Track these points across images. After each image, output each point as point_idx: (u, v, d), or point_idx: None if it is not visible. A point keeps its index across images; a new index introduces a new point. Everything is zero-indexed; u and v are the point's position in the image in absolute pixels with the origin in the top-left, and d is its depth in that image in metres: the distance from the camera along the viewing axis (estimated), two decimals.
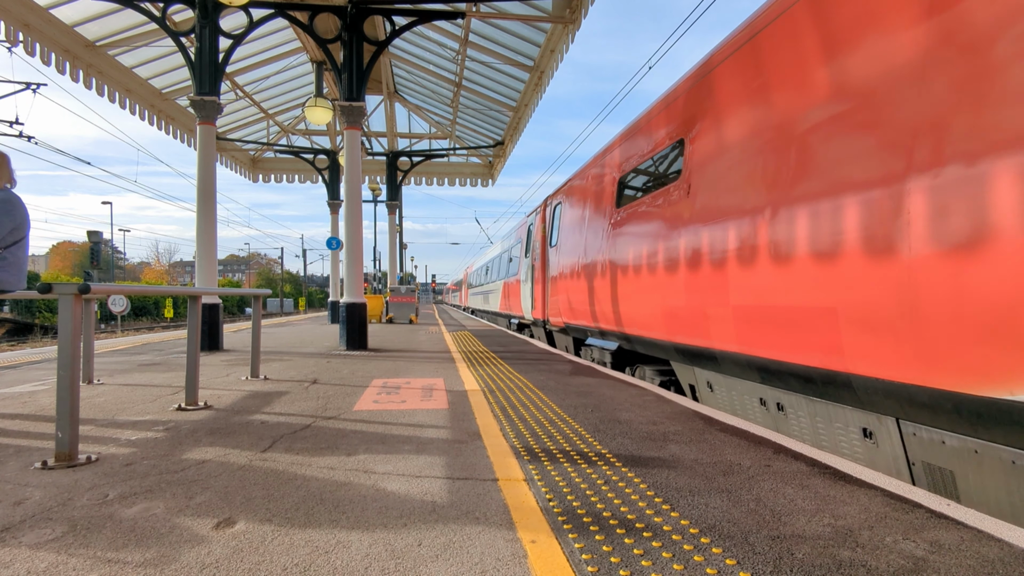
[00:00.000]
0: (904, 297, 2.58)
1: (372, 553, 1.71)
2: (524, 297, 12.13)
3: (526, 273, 11.97)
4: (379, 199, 21.78)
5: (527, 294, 11.74)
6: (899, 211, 2.62)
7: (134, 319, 35.04)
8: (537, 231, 10.87)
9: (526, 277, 11.96)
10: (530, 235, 11.93)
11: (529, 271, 11.55)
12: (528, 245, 11.92)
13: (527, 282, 11.79)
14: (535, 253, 10.82)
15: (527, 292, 11.72)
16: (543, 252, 10.17)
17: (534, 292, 10.88)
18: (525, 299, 11.98)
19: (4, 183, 3.58)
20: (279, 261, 79.77)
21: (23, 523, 1.93)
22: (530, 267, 11.36)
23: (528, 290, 11.55)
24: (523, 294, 12.26)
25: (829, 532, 1.86)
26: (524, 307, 12.24)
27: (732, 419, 3.60)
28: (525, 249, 12.25)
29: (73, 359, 2.60)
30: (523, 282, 12.30)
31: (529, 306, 11.52)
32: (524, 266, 12.27)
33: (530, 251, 11.48)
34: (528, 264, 11.68)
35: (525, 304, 12.04)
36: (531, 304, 11.21)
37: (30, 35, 8.65)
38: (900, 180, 2.62)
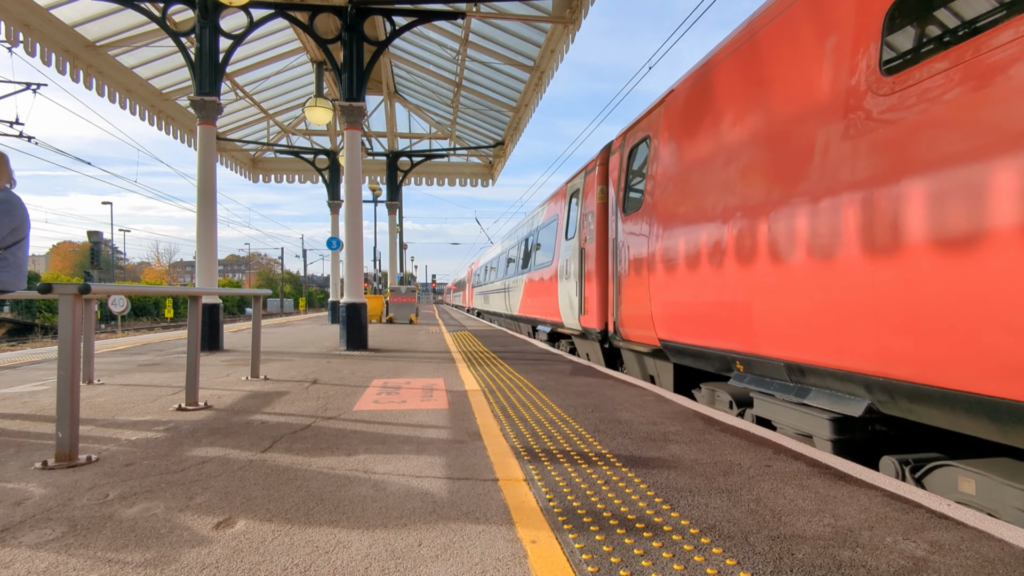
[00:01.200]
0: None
1: (372, 553, 1.71)
2: (564, 297, 8.60)
3: (567, 263, 8.45)
4: (379, 199, 21.77)
5: (569, 292, 8.24)
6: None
7: (134, 319, 35.05)
8: (590, 198, 7.35)
9: (567, 269, 8.42)
10: (572, 207, 8.50)
11: (574, 259, 8.02)
12: (571, 222, 8.47)
13: (569, 276, 8.29)
14: (587, 231, 7.39)
15: (569, 290, 8.27)
16: (604, 228, 6.94)
17: (584, 289, 7.45)
18: (565, 299, 8.50)
19: (4, 183, 3.58)
20: (279, 261, 79.80)
21: (23, 523, 1.93)
22: (576, 253, 7.87)
23: (572, 287, 8.08)
24: (561, 292, 8.77)
25: (829, 532, 1.86)
26: (563, 310, 8.73)
27: (732, 419, 3.60)
28: (565, 229, 8.76)
29: (73, 359, 2.60)
30: (562, 276, 8.76)
31: (573, 309, 8.03)
32: (563, 253, 8.74)
33: (576, 230, 8.04)
34: (571, 250, 8.20)
35: (565, 306, 8.58)
36: (578, 306, 7.69)
37: (30, 35, 8.65)
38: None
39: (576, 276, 7.84)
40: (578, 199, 8.06)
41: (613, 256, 6.41)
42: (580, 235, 7.76)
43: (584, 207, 7.65)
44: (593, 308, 7.09)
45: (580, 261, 7.64)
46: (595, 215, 7.10)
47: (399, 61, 13.21)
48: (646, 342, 5.60)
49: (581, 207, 7.81)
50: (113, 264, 43.76)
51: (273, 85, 13.68)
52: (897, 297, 2.65)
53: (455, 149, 17.79)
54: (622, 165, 6.31)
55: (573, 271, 8.01)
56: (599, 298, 6.94)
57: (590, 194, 7.39)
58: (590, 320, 7.24)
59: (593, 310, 7.10)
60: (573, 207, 8.38)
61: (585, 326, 7.50)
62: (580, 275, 7.62)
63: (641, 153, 5.82)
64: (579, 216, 7.90)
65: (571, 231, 8.40)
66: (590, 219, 7.32)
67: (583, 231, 7.63)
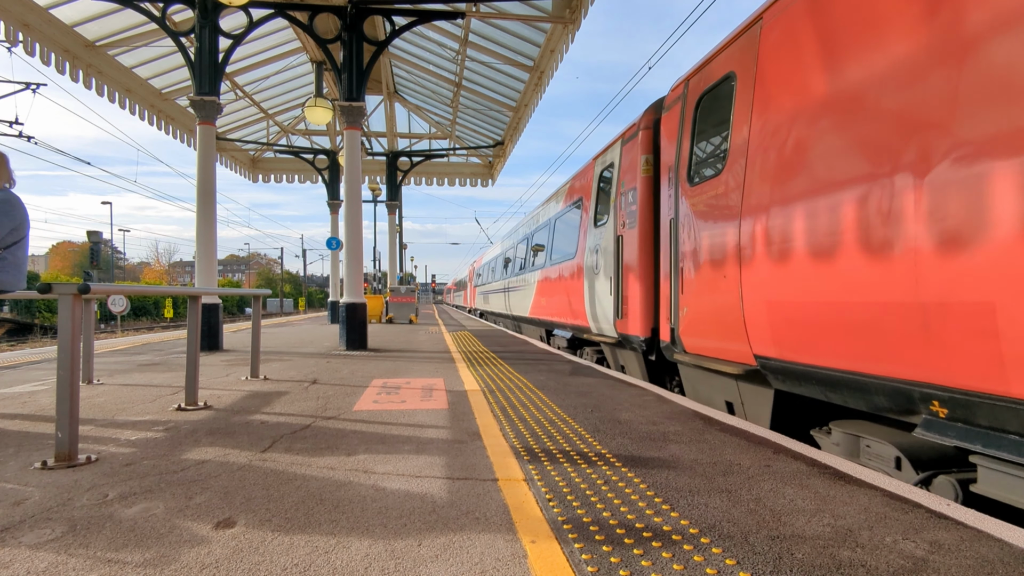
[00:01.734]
0: None
1: (372, 553, 1.71)
2: (591, 296, 7.17)
3: (596, 255, 7.04)
4: (379, 199, 21.78)
5: (599, 291, 6.88)
6: None
7: (134, 319, 35.04)
8: (631, 173, 5.94)
9: (596, 262, 7.01)
10: (601, 188, 7.08)
11: (606, 250, 6.65)
12: (601, 206, 7.05)
13: (599, 271, 6.88)
14: (626, 214, 6.02)
15: (599, 288, 6.88)
16: (652, 208, 5.58)
17: (622, 286, 6.09)
18: (593, 299, 7.10)
19: (3, 183, 3.58)
20: (279, 261, 79.81)
21: (23, 523, 1.93)
22: (610, 243, 6.50)
23: (603, 285, 6.73)
24: (588, 291, 7.33)
25: (829, 532, 1.86)
26: (590, 312, 7.31)
27: (732, 419, 3.60)
28: (593, 215, 7.30)
29: (73, 359, 2.60)
30: (589, 272, 7.33)
31: (605, 311, 6.68)
32: (590, 244, 7.31)
33: (610, 215, 6.59)
34: (603, 239, 6.80)
35: (593, 307, 7.17)
36: (613, 308, 6.32)
37: (30, 35, 8.65)
38: None
39: (609, 271, 6.45)
40: (612, 176, 6.56)
41: (672, 242, 4.88)
42: (616, 220, 6.31)
43: (621, 184, 6.21)
44: (635, 310, 5.68)
45: (617, 252, 6.21)
46: (638, 193, 5.69)
47: (399, 61, 13.21)
48: (730, 358, 4.01)
49: (617, 185, 6.34)
50: (113, 264, 43.75)
51: (273, 85, 13.68)
52: None
53: (455, 149, 17.79)
54: (684, 123, 4.81)
55: (605, 265, 6.61)
56: (644, 297, 5.59)
57: (631, 168, 5.94)
58: (631, 325, 5.81)
59: (635, 312, 5.68)
60: (604, 187, 6.96)
61: (623, 332, 6.03)
62: (617, 269, 6.20)
63: (718, 101, 4.32)
64: (614, 196, 6.43)
65: (602, 217, 6.98)
66: (630, 198, 5.87)
67: (620, 215, 6.20)
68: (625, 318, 5.98)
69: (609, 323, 6.52)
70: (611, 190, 6.62)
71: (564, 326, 8.91)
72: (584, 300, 7.53)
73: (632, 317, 5.79)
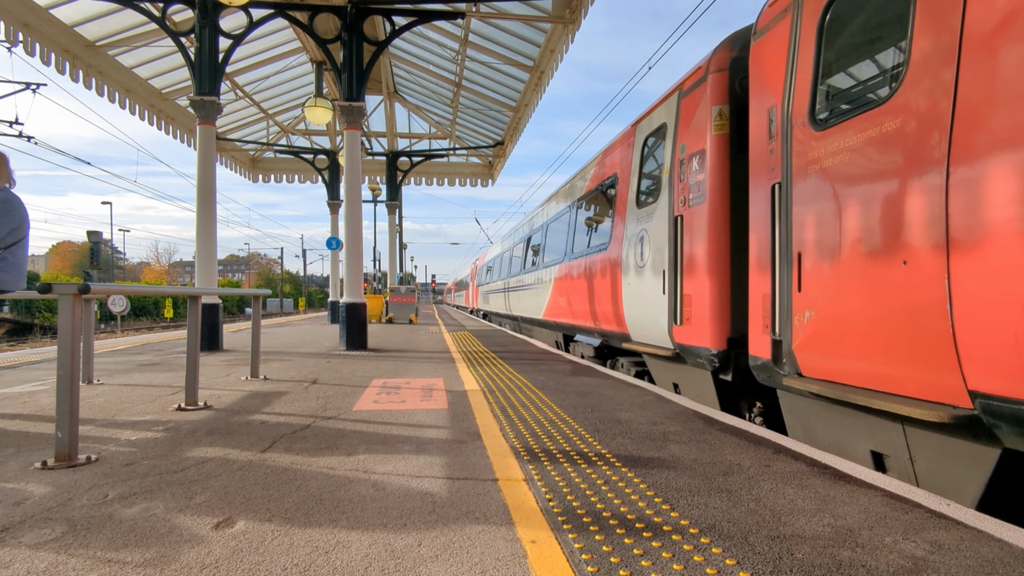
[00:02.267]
0: None
1: (372, 553, 1.71)
2: (641, 295, 5.64)
3: (640, 243, 5.68)
4: (379, 199, 21.79)
5: (644, 289, 5.54)
6: None
7: (134, 319, 35.04)
8: (697, 134, 4.65)
9: (640, 253, 5.65)
10: (646, 158, 5.81)
11: (656, 237, 5.31)
12: (647, 178, 5.79)
13: (645, 264, 5.53)
14: (690, 188, 4.72)
15: (645, 285, 5.52)
16: (725, 176, 4.40)
17: (684, 281, 4.79)
18: (643, 299, 5.59)
19: (3, 183, 3.58)
20: (279, 261, 79.84)
21: (23, 523, 1.93)
22: (663, 227, 5.16)
23: (650, 282, 5.40)
24: (630, 289, 5.92)
25: (829, 532, 1.86)
26: (631, 315, 5.91)
27: (732, 419, 3.60)
28: (636, 193, 5.94)
29: (73, 359, 2.60)
30: (629, 265, 5.95)
31: (655, 314, 5.29)
32: (631, 230, 5.93)
33: (666, 187, 5.13)
34: (651, 223, 5.44)
35: (637, 309, 5.75)
36: (669, 310, 5.00)
37: (30, 35, 8.65)
38: None
39: (661, 263, 5.11)
40: (664, 142, 5.21)
41: (779, 217, 3.48)
42: (671, 197, 4.96)
43: (680, 149, 4.86)
44: (704, 314, 4.38)
45: (674, 237, 4.89)
46: (709, 158, 4.37)
47: (399, 61, 13.22)
48: (909, 392, 2.63)
49: (673, 152, 4.97)
50: (113, 264, 43.77)
51: (273, 85, 13.69)
52: None
53: (455, 149, 17.80)
54: (798, 42, 3.45)
55: (654, 255, 5.27)
56: (717, 297, 4.31)
57: (695, 126, 4.61)
58: (696, 333, 4.52)
59: (703, 317, 4.40)
60: (650, 158, 5.65)
61: (683, 343, 4.73)
62: (674, 260, 4.90)
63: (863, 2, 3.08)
64: (668, 167, 5.06)
65: (647, 195, 5.64)
66: (695, 166, 4.58)
67: (678, 189, 4.85)
68: (688, 324, 4.65)
69: (660, 330, 5.13)
70: (662, 160, 5.25)
71: (589, 331, 7.52)
72: (621, 301, 6.15)
73: (698, 323, 4.48)
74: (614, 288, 6.40)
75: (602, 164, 7.27)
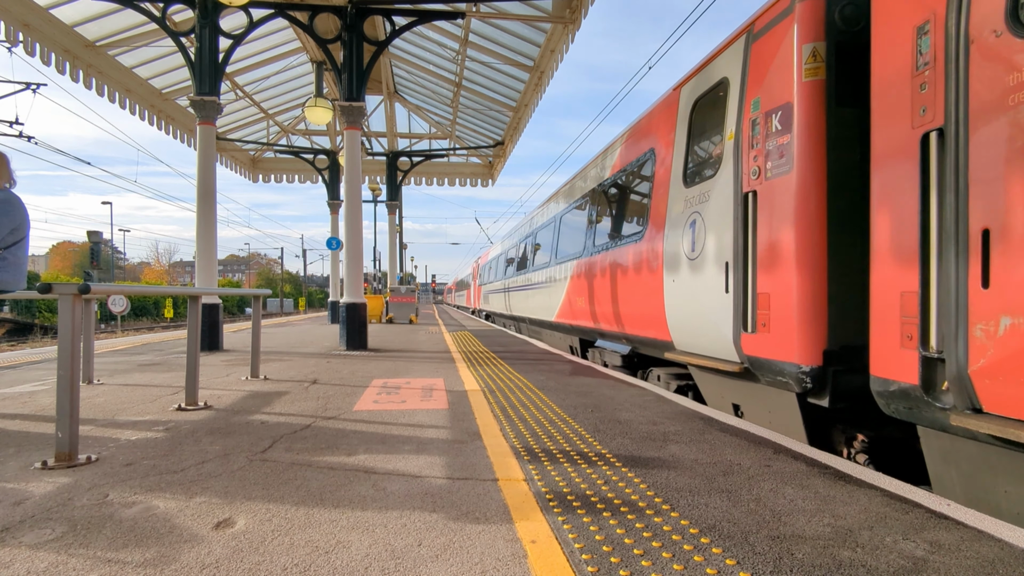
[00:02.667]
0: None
1: (372, 553, 1.71)
2: (692, 293, 4.57)
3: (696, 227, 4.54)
4: (379, 199, 21.78)
5: (702, 286, 4.39)
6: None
7: (134, 319, 35.04)
8: (778, 84, 3.61)
9: (694, 239, 4.54)
10: (714, 116, 4.47)
11: (724, 217, 4.12)
12: (700, 147, 4.72)
13: (697, 257, 4.49)
14: (766, 156, 3.68)
15: (701, 282, 4.41)
16: (820, 128, 3.38)
17: (758, 276, 3.72)
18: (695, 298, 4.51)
19: (4, 183, 3.58)
20: (279, 261, 79.85)
21: (23, 523, 1.93)
22: (731, 205, 4.04)
23: (714, 277, 4.22)
24: (676, 286, 4.82)
25: (829, 532, 1.86)
26: (689, 319, 4.66)
27: (732, 419, 3.60)
28: (683, 169, 4.88)
29: (73, 359, 2.60)
30: (673, 258, 4.88)
31: (718, 318, 4.15)
32: (675, 214, 4.90)
33: (730, 156, 4.09)
34: (714, 200, 4.27)
35: (694, 311, 4.54)
36: (741, 312, 3.88)
37: (30, 35, 8.66)
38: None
39: (723, 252, 4.04)
40: (724, 103, 4.18)
41: (946, 182, 2.52)
42: (739, 168, 3.91)
43: (752, 107, 3.83)
44: (788, 318, 3.39)
45: (744, 220, 3.82)
46: (798, 114, 3.38)
47: (399, 61, 13.22)
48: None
49: (743, 111, 3.94)
50: (113, 264, 43.78)
51: (273, 85, 13.69)
52: None
53: (455, 149, 17.80)
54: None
55: (714, 244, 4.19)
56: (808, 296, 3.31)
57: (778, 77, 3.61)
58: (776, 343, 3.51)
59: (787, 322, 3.40)
60: (704, 123, 4.59)
61: (758, 355, 3.67)
62: (744, 248, 3.82)
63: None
64: (732, 130, 4.03)
65: (701, 169, 4.54)
66: (779, 126, 3.54)
67: (750, 157, 3.80)
68: (764, 331, 3.62)
69: (721, 338, 4.05)
70: (723, 124, 4.18)
71: (614, 336, 6.49)
72: (662, 301, 5.01)
73: (781, 330, 3.45)
74: (651, 286, 5.27)
75: (632, 141, 6.17)
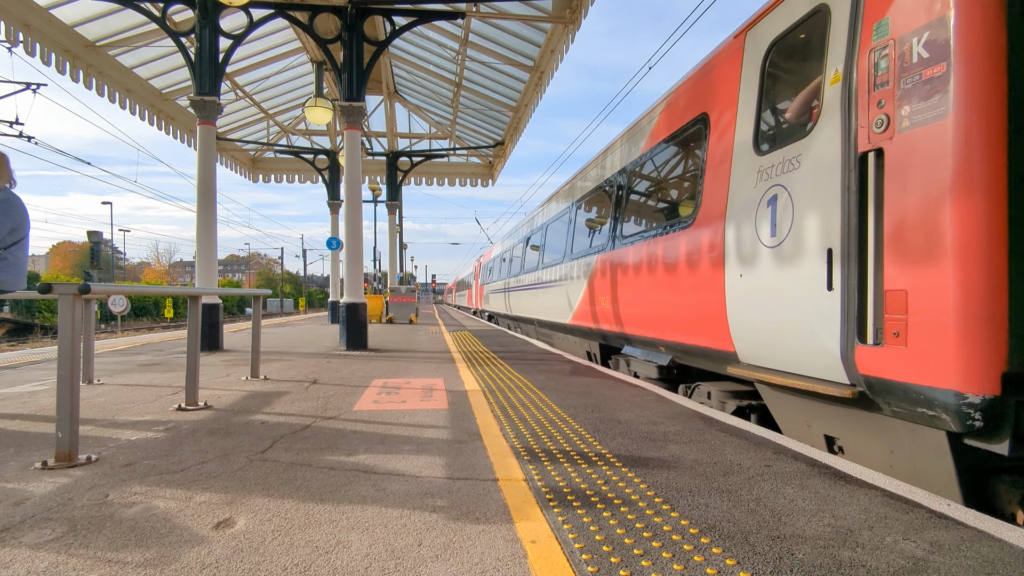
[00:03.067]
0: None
1: (372, 553, 1.71)
2: (775, 288, 3.46)
3: (778, 204, 3.44)
4: (379, 199, 21.78)
5: (785, 284, 3.36)
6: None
7: (134, 319, 35.04)
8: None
9: (775, 221, 3.46)
10: (804, 58, 3.51)
11: (828, 189, 3.03)
12: (781, 100, 3.81)
13: (787, 241, 3.35)
14: (904, 92, 2.65)
15: (783, 279, 3.38)
16: (1001, 51, 2.33)
17: (886, 269, 2.68)
18: (779, 297, 3.43)
19: (4, 183, 3.58)
20: (279, 261, 79.86)
21: (23, 523, 1.93)
22: (837, 174, 2.98)
23: (806, 271, 3.18)
24: (745, 284, 3.79)
25: (829, 532, 1.86)
26: (763, 325, 3.61)
27: (732, 419, 3.59)
28: (752, 131, 3.90)
29: (73, 359, 2.60)
30: (744, 244, 3.82)
31: (812, 324, 3.13)
32: (748, 186, 3.83)
33: (839, 106, 3.04)
34: (807, 167, 3.23)
35: (780, 312, 3.43)
36: (857, 318, 2.83)
37: (30, 35, 8.66)
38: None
39: (828, 236, 3.07)
40: (823, 39, 3.26)
41: None
42: (852, 121, 2.98)
43: (873, 35, 2.92)
44: (943, 326, 2.43)
45: (862, 192, 2.89)
46: (959, 31, 2.45)
47: (399, 61, 13.22)
48: None
49: (851, 46, 3.05)
50: (113, 264, 43.78)
51: (273, 85, 13.69)
52: None
53: (455, 149, 17.80)
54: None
55: (810, 225, 3.20)
56: (980, 297, 2.35)
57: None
58: (920, 360, 2.54)
59: (942, 332, 2.44)
60: (787, 71, 3.79)
61: (889, 376, 2.69)
62: (859, 230, 2.89)
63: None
64: (843, 70, 3.07)
65: (786, 129, 3.63)
66: (923, 55, 2.61)
67: (871, 104, 2.88)
68: (897, 344, 2.65)
69: (820, 350, 3.09)
70: (822, 62, 3.24)
71: (649, 343, 5.56)
72: (723, 300, 4.04)
73: (929, 344, 2.50)
74: (706, 282, 4.30)
75: (672, 110, 5.16)
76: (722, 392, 4.41)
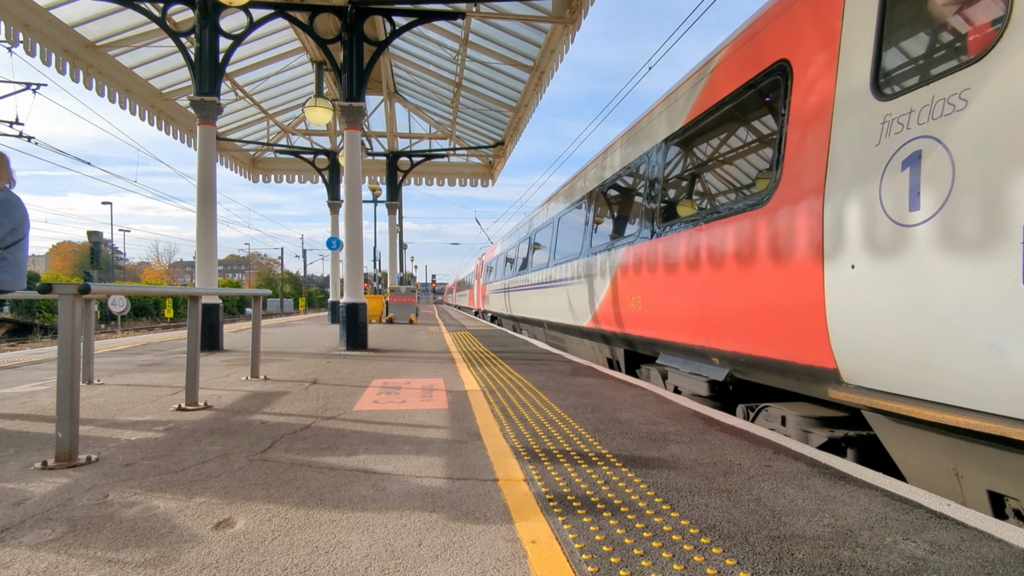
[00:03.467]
0: None
1: (372, 553, 1.71)
2: (922, 286, 2.42)
3: (917, 168, 2.44)
4: (379, 199, 21.78)
5: (942, 278, 2.33)
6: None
7: (134, 319, 35.03)
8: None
9: (913, 194, 2.46)
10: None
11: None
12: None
13: (941, 218, 2.33)
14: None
15: (931, 270, 2.38)
16: None
17: None
18: (922, 299, 2.42)
19: (4, 183, 3.58)
20: (279, 261, 79.84)
21: (23, 523, 1.93)
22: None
23: (951, 264, 2.29)
24: (864, 276, 2.74)
25: (829, 532, 1.86)
26: (906, 335, 2.51)
27: (732, 419, 3.59)
28: (876, 61, 2.80)
29: (73, 359, 2.60)
30: (864, 226, 2.76)
31: (994, 330, 2.11)
32: (865, 147, 2.79)
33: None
34: (993, 102, 2.13)
35: (924, 321, 2.41)
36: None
37: (30, 35, 8.66)
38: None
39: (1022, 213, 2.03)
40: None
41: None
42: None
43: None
44: None
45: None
46: None
47: (399, 61, 13.21)
48: None
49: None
50: (113, 264, 43.78)
51: (273, 85, 13.69)
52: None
53: (455, 149, 17.79)
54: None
55: (989, 197, 2.18)
56: None
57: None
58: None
59: None
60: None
61: None
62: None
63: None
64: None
65: (928, 62, 2.65)
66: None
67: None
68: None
69: (1010, 371, 2.13)
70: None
71: (695, 352, 4.71)
72: (821, 300, 3.08)
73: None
74: (792, 276, 3.35)
75: (735, 60, 4.19)
76: (804, 420, 3.44)
